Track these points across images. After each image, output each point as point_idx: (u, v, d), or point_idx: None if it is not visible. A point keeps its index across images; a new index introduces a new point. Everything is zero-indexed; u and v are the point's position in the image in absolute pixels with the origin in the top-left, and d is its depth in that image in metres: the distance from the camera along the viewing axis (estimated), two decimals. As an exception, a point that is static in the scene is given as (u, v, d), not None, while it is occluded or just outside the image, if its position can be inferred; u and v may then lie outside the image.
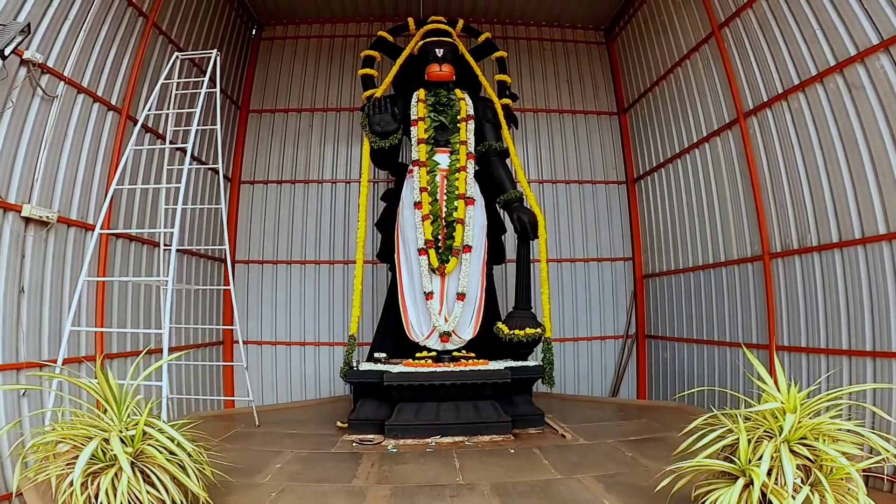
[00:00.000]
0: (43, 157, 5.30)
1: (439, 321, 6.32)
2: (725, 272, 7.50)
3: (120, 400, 3.83)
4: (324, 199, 9.76)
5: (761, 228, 6.69)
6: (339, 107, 10.02)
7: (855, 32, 5.36)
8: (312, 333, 9.44)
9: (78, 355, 5.75)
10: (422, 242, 6.44)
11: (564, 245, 9.85)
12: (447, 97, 6.97)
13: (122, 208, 6.58)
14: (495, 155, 7.07)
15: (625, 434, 5.88)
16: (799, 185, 6.13)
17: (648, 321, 9.51)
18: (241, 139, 9.83)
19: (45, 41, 5.29)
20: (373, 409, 6.00)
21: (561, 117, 10.27)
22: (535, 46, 10.52)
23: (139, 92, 6.78)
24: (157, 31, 7.16)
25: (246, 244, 9.59)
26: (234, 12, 9.37)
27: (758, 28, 6.68)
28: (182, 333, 7.86)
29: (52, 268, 5.43)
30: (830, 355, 5.68)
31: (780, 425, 3.18)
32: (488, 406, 5.88)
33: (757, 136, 6.80)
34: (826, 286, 5.78)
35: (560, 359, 9.31)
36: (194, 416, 6.96)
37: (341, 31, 10.35)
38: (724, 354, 7.42)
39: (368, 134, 6.73)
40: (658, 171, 9.13)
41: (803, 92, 6.04)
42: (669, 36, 8.61)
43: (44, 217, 5.19)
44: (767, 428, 3.27)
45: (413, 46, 7.35)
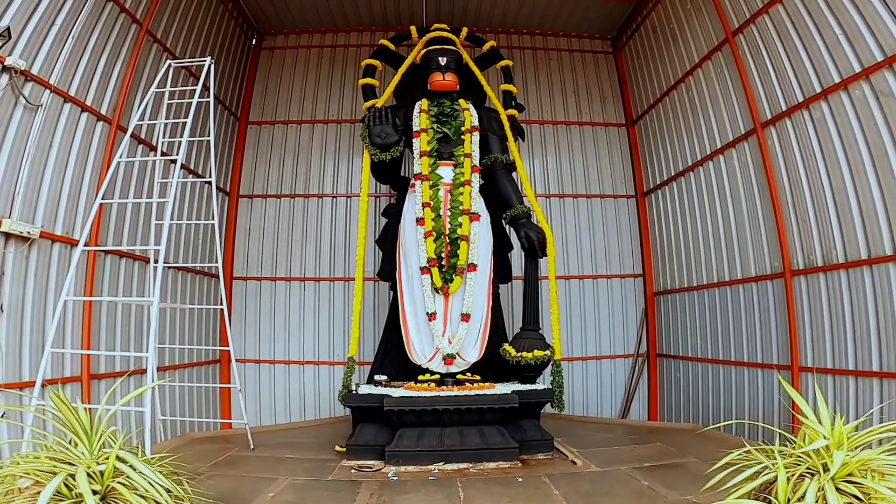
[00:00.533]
0: (25, 169, 5.07)
1: (443, 343, 6.01)
2: (743, 290, 7.21)
3: (91, 430, 3.53)
4: (324, 213, 9.54)
5: (782, 244, 6.41)
6: (339, 118, 9.82)
7: (882, 37, 5.11)
8: (312, 352, 9.18)
9: (63, 376, 5.50)
10: (424, 261, 6.14)
11: (572, 262, 9.58)
12: (451, 107, 6.71)
13: (113, 223, 6.35)
14: (501, 168, 6.77)
15: (640, 459, 5.55)
16: (823, 199, 5.86)
17: (660, 340, 9.21)
18: (239, 152, 9.63)
19: (30, 47, 5.09)
20: (372, 434, 5.70)
21: (568, 129, 10.04)
22: (541, 56, 10.32)
23: (131, 102, 6.57)
24: (152, 38, 6.96)
25: (244, 260, 9.36)
26: (233, 21, 9.19)
27: (774, 34, 6.44)
28: (176, 352, 7.58)
29: (34, 285, 5.19)
30: (860, 377, 5.38)
31: (825, 462, 2.86)
32: (494, 431, 5.57)
33: (776, 147, 6.54)
34: (854, 305, 5.48)
35: (568, 378, 8.93)
36: (187, 438, 6.71)
37: (343, 41, 10.18)
38: (742, 375, 7.12)
39: (368, 146, 6.46)
40: (669, 184, 8.87)
41: (826, 100, 5.79)
42: (680, 44, 8.38)
43: (25, 232, 4.94)
44: (811, 465, 2.95)
45: (415, 55, 7.12)
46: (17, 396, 4.80)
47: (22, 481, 3.33)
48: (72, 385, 5.60)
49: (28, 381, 4.96)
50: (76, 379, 5.68)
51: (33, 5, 5.11)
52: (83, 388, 5.72)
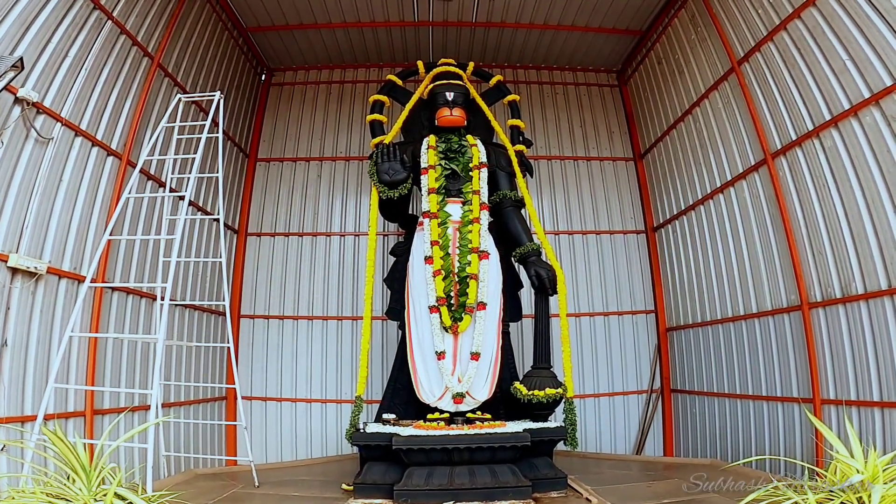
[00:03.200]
0: (34, 203, 5.03)
1: (452, 382, 5.89)
2: (759, 323, 7.04)
3: (90, 466, 3.44)
4: (332, 252, 9.49)
5: (797, 276, 6.28)
6: (348, 155, 9.84)
7: (890, 61, 5.07)
8: (319, 390, 9.04)
9: (66, 410, 5.40)
10: (433, 299, 6.04)
11: (583, 298, 9.44)
12: (458, 143, 6.68)
13: (121, 259, 6.31)
14: (510, 205, 6.71)
15: (658, 497, 5.33)
16: (839, 229, 5.74)
17: (674, 375, 9.01)
18: (248, 189, 9.64)
19: (42, 80, 5.09)
20: (380, 473, 5.52)
21: (576, 164, 10.01)
22: (547, 91, 10.36)
23: (141, 137, 6.58)
24: (163, 72, 7.01)
25: (252, 298, 9.29)
26: (242, 56, 9.29)
27: (781, 62, 6.42)
28: (182, 388, 7.47)
29: (39, 321, 5.10)
30: (885, 408, 5.19)
31: (860, 496, 2.72)
32: (506, 470, 5.38)
33: (787, 178, 6.45)
34: (877, 336, 5.31)
35: (581, 415, 8.76)
36: (191, 474, 6.57)
37: (350, 77, 10.27)
38: (761, 408, 6.92)
39: (376, 183, 6.41)
40: (679, 218, 8.77)
41: (836, 128, 5.72)
42: (686, 75, 8.37)
43: (32, 268, 4.88)
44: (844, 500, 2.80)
45: (423, 90, 7.13)
46: (18, 430, 4.69)
47: (17, 517, 3.24)
48: (75, 420, 5.50)
49: (30, 416, 4.85)
50: (80, 414, 5.57)
51: (47, 37, 5.14)
52: (86, 424, 5.60)
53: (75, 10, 5.48)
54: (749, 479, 3.33)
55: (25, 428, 4.78)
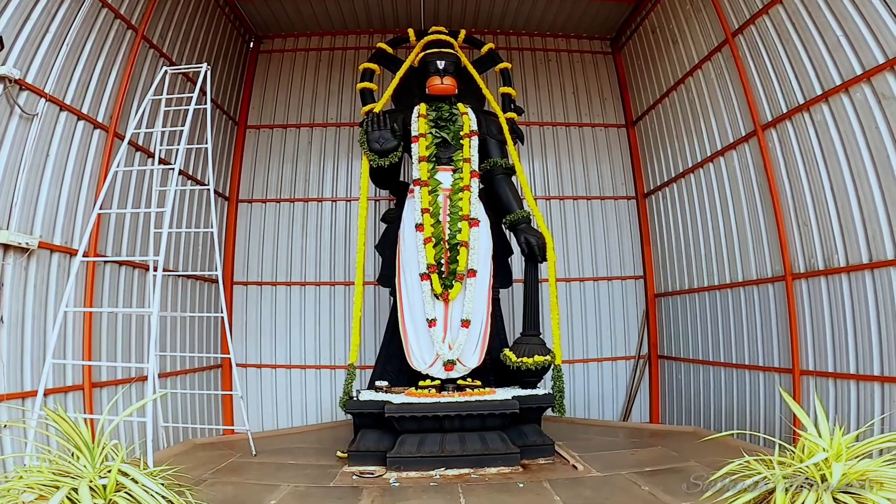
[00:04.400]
0: (22, 179, 5.02)
1: (443, 349, 6.00)
2: (744, 292, 7.17)
3: (94, 444, 3.53)
4: (324, 218, 9.51)
5: (783, 248, 6.37)
6: (339, 122, 9.78)
7: (883, 39, 5.06)
8: (313, 356, 9.16)
9: (64, 385, 5.49)
10: (423, 267, 6.13)
11: (573, 264, 9.54)
12: (449, 112, 6.68)
13: (112, 231, 6.32)
14: (500, 172, 6.75)
15: (640, 464, 5.52)
16: (824, 202, 5.82)
17: (661, 341, 9.18)
18: (238, 156, 9.59)
19: (24, 56, 5.03)
20: (374, 441, 5.69)
21: (567, 131, 10.00)
22: (540, 57, 10.27)
23: (128, 109, 6.52)
24: (148, 44, 6.91)
25: (244, 265, 9.33)
26: (230, 24, 9.14)
27: (775, 35, 6.39)
28: (178, 358, 7.56)
29: (33, 296, 5.16)
30: (861, 381, 5.35)
31: (823, 473, 2.85)
32: (495, 437, 5.56)
33: (776, 150, 6.49)
34: (856, 309, 5.44)
35: (569, 381, 8.92)
36: (189, 445, 6.71)
37: (341, 44, 10.13)
38: (743, 377, 7.09)
39: (367, 152, 6.43)
40: (670, 185, 8.82)
41: (827, 102, 5.74)
42: (679, 45, 8.32)
43: (23, 243, 4.91)
44: (809, 475, 2.94)
45: (413, 58, 7.08)
46: (20, 407, 4.79)
47: (25, 495, 3.34)
48: (73, 394, 5.60)
49: (30, 392, 4.94)
50: (78, 388, 5.66)
51: (26, 14, 5.05)
52: (85, 397, 5.70)
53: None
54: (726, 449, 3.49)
55: (26, 404, 4.87)
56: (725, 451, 3.62)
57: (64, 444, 3.58)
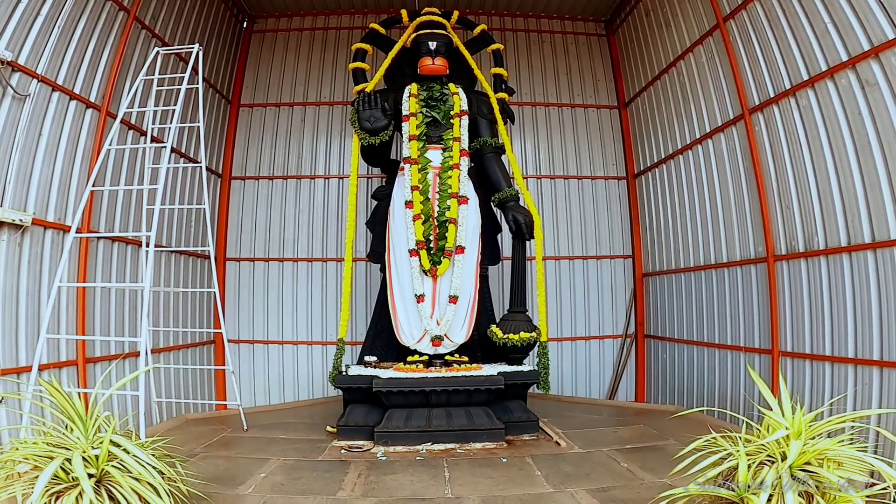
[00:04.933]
0: (15, 158, 5.08)
1: (431, 325, 6.11)
2: (728, 273, 7.28)
3: (87, 416, 3.65)
4: (316, 194, 9.56)
5: (766, 230, 6.46)
6: (332, 100, 9.78)
7: (869, 26, 5.08)
8: (305, 332, 9.27)
9: (58, 360, 5.61)
10: (413, 243, 6.22)
11: (563, 242, 9.64)
12: (440, 92, 6.73)
13: (104, 208, 6.37)
14: (490, 151, 6.81)
15: (621, 441, 5.68)
16: (806, 186, 5.89)
17: (648, 320, 9.31)
18: (231, 134, 9.60)
19: (15, 38, 5.06)
20: (362, 415, 5.82)
21: (560, 111, 10.03)
22: (534, 39, 10.26)
23: (121, 89, 6.53)
24: (140, 25, 6.90)
25: (237, 241, 9.40)
26: (222, 4, 9.10)
27: (765, 21, 6.41)
28: (171, 334, 7.68)
29: (27, 272, 5.24)
30: (835, 363, 5.48)
31: (784, 451, 2.98)
32: (481, 412, 5.70)
33: (762, 134, 6.55)
34: (833, 292, 5.56)
35: (557, 359, 9.14)
36: (182, 419, 6.84)
37: (334, 24, 10.09)
38: (725, 358, 7.23)
39: (358, 130, 6.50)
40: (659, 166, 8.89)
41: (813, 88, 5.78)
42: (672, 28, 8.33)
43: (17, 220, 4.99)
44: (770, 453, 3.07)
45: (406, 39, 7.10)
46: (15, 382, 4.90)
47: (21, 466, 3.46)
48: (68, 369, 5.70)
49: (25, 367, 5.05)
50: (72, 363, 5.77)
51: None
52: (79, 372, 5.82)
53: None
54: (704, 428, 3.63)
55: (21, 379, 4.98)
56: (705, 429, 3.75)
57: (58, 416, 3.69)
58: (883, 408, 4.88)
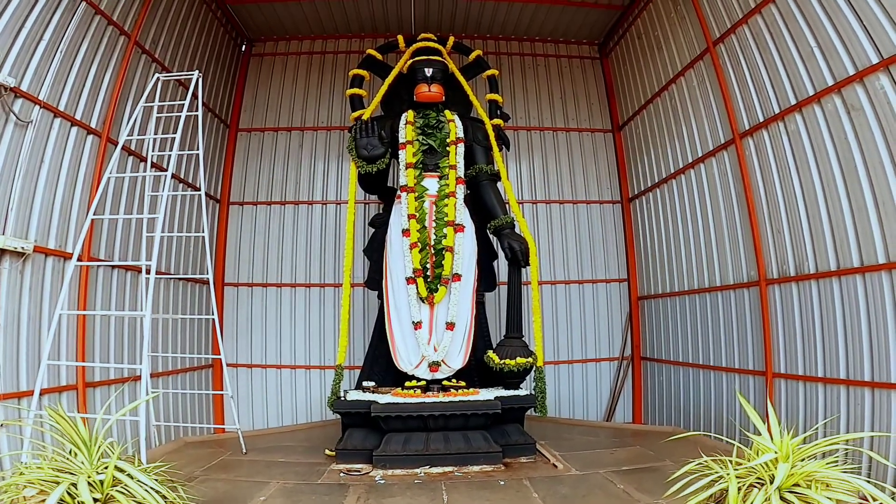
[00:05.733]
0: (17, 185, 5.14)
1: (428, 351, 6.17)
2: (721, 297, 7.35)
3: (90, 441, 3.71)
4: (314, 220, 9.63)
5: (757, 254, 6.54)
6: (329, 125, 9.90)
7: (854, 51, 5.20)
8: (303, 357, 9.29)
9: (59, 385, 5.63)
10: (410, 271, 6.29)
11: (559, 267, 9.70)
12: (436, 119, 6.83)
13: (105, 234, 6.43)
14: (486, 178, 6.90)
15: (618, 463, 5.70)
16: (796, 211, 5.99)
17: (644, 343, 9.36)
18: (229, 159, 9.70)
19: (18, 64, 5.13)
20: (360, 439, 5.84)
21: (555, 135, 10.14)
22: (529, 62, 10.41)
23: (121, 114, 6.62)
24: (140, 50, 7.01)
25: (235, 266, 9.44)
26: (222, 28, 9.25)
27: (753, 45, 6.53)
28: (170, 358, 7.68)
29: (29, 298, 5.28)
30: (828, 384, 5.54)
31: (772, 474, 3.04)
32: (478, 436, 5.72)
33: (753, 158, 6.65)
34: (824, 315, 5.63)
35: (554, 382, 9.19)
36: (181, 443, 6.84)
37: (332, 48, 10.24)
38: (721, 379, 7.27)
39: (355, 158, 6.59)
40: (653, 190, 8.98)
41: (800, 112, 5.89)
42: (664, 51, 8.47)
43: (19, 248, 5.04)
44: (760, 475, 3.13)
45: (402, 65, 7.22)
46: (16, 408, 4.92)
47: (27, 490, 3.50)
48: (68, 393, 5.72)
49: (25, 391, 5.07)
50: (72, 388, 5.79)
51: (20, 22, 5.15)
52: (79, 397, 5.84)
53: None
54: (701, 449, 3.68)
55: (22, 403, 5.00)
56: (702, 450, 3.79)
57: (60, 440, 3.74)
58: (875, 426, 4.95)
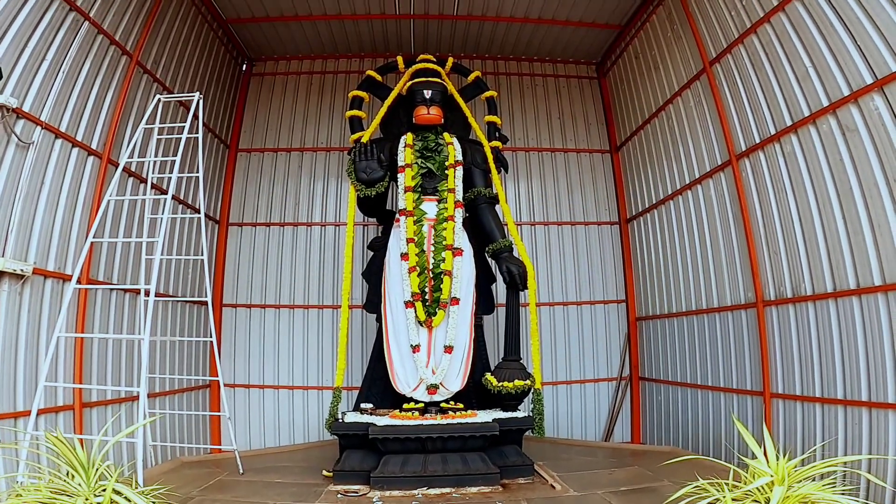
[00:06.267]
0: (18, 207, 5.15)
1: (426, 374, 6.18)
2: (719, 318, 7.34)
3: (88, 464, 3.70)
4: (313, 241, 9.64)
5: (754, 275, 6.55)
6: (328, 146, 9.94)
7: (848, 71, 5.23)
8: (301, 377, 9.26)
9: (56, 405, 5.60)
10: (408, 295, 6.30)
11: (556, 288, 9.70)
12: (435, 142, 6.87)
13: (104, 256, 6.43)
14: (484, 202, 6.93)
15: (616, 483, 5.69)
16: (793, 232, 6.00)
17: (643, 363, 9.34)
18: (229, 179, 9.73)
19: (21, 84, 5.15)
20: (358, 460, 5.82)
21: (553, 156, 10.18)
22: (527, 82, 10.48)
23: (122, 135, 6.65)
24: (142, 69, 7.05)
25: (234, 287, 9.44)
26: (222, 48, 9.33)
27: (749, 65, 6.57)
28: (167, 379, 7.65)
29: (27, 320, 5.27)
30: (826, 404, 5.53)
31: (768, 497, 3.04)
32: (476, 457, 5.70)
33: (749, 180, 6.67)
34: (821, 336, 5.63)
35: (553, 402, 9.17)
36: (177, 462, 6.81)
37: (332, 67, 10.32)
38: (719, 400, 7.25)
39: (354, 182, 6.63)
40: (651, 211, 8.99)
41: (796, 134, 5.92)
42: (661, 71, 8.52)
43: (19, 270, 5.04)
44: (756, 498, 3.13)
45: (401, 87, 7.27)
46: (12, 426, 4.91)
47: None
48: (64, 414, 5.69)
49: (22, 412, 5.05)
50: (69, 408, 5.76)
51: (24, 41, 5.17)
52: (75, 417, 5.80)
53: (51, 12, 5.47)
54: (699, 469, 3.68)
55: (19, 423, 4.98)
56: (700, 470, 3.79)
57: (55, 460, 3.73)
58: (872, 446, 4.93)
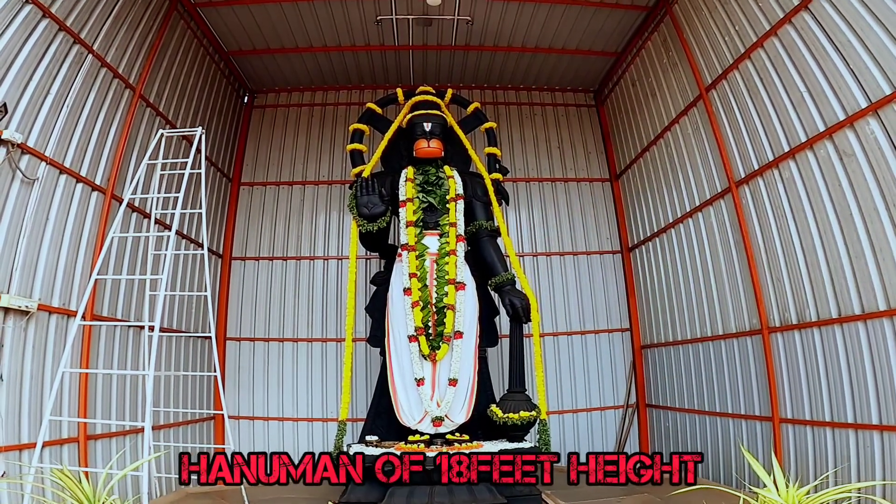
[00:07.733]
0: (23, 243, 5.17)
1: (431, 406, 6.15)
2: (724, 345, 7.30)
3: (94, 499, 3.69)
4: (316, 275, 9.66)
5: (758, 302, 6.52)
6: (330, 179, 10.01)
7: (843, 96, 5.25)
8: (305, 409, 9.21)
9: (60, 437, 5.57)
10: (412, 329, 6.31)
11: (560, 318, 9.66)
12: (436, 175, 6.92)
13: (108, 291, 6.44)
14: (486, 235, 6.95)
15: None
16: (795, 259, 5.99)
17: (649, 390, 9.26)
18: (232, 213, 9.78)
19: (25, 119, 5.18)
20: (364, 492, 5.73)
21: (553, 186, 10.21)
22: (526, 111, 10.55)
23: (125, 170, 6.70)
24: (145, 103, 7.12)
25: (237, 321, 9.43)
26: (224, 80, 9.43)
27: (745, 91, 6.60)
28: (171, 412, 7.58)
29: (31, 356, 5.26)
30: (836, 428, 5.48)
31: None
32: (483, 488, 5.63)
33: (750, 207, 6.68)
34: (828, 361, 5.59)
35: (559, 430, 9.07)
36: (182, 494, 6.74)
37: (332, 99, 10.43)
38: (727, 426, 7.18)
39: (356, 217, 6.65)
40: (653, 240, 8.97)
41: (794, 159, 5.93)
42: (658, 98, 8.54)
43: (23, 307, 5.04)
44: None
45: (401, 120, 7.34)
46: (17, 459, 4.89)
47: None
48: (69, 446, 5.66)
49: (27, 444, 5.03)
50: (73, 440, 5.73)
51: (28, 75, 5.21)
52: (80, 450, 5.77)
53: (55, 46, 5.52)
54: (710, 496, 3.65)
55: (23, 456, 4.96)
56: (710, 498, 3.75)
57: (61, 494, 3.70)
58: (885, 468, 4.86)
